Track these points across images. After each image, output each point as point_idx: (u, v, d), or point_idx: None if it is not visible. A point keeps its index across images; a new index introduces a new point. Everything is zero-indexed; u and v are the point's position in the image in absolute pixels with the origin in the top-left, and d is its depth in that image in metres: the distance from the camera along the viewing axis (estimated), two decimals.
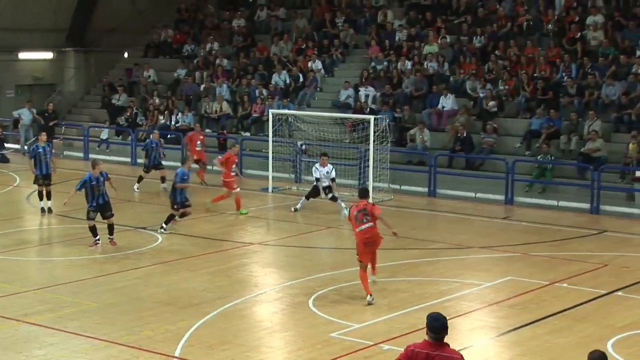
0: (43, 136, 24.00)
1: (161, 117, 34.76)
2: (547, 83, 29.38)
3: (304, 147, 28.70)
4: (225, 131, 32.46)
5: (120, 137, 35.63)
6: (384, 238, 15.90)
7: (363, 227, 15.50)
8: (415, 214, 24.26)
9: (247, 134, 32.63)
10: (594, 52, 29.92)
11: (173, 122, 34.29)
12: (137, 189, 26.49)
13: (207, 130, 33.71)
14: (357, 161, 27.38)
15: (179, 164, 31.36)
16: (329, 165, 23.50)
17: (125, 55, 41.05)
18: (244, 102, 33.62)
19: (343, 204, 23.16)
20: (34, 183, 23.38)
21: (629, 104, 27.54)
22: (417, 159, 28.98)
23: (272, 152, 27.14)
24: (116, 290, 16.06)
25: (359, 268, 15.64)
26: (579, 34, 30.48)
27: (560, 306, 15.30)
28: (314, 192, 23.71)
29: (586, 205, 24.69)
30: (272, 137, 27.21)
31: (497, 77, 30.49)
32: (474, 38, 32.49)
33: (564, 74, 29.46)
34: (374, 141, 25.49)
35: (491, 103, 29.35)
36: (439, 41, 32.81)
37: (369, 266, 15.82)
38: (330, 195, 23.47)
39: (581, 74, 29.24)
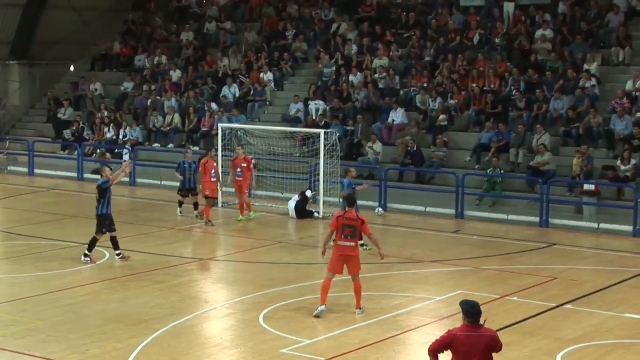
0: None
1: (107, 130, 34.51)
2: (496, 97, 29.75)
3: (253, 161, 28.67)
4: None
5: (67, 151, 35.31)
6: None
7: (346, 243, 15.32)
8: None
9: (196, 148, 32.53)
10: (542, 66, 30.36)
11: (121, 136, 34.10)
12: (180, 213, 25.13)
13: (155, 145, 33.61)
14: (307, 175, 27.45)
15: (125, 179, 31.36)
16: None
17: (71, 68, 40.74)
18: (190, 116, 33.52)
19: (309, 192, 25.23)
20: None
21: (576, 117, 27.99)
22: (367, 172, 29.13)
23: (222, 167, 27.10)
24: (63, 307, 15.91)
25: (323, 279, 15.59)
26: (527, 47, 30.92)
27: (511, 319, 15.46)
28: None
29: (535, 219, 25.00)
30: (222, 151, 27.16)
31: (447, 91, 30.80)
32: (424, 51, 32.81)
33: (512, 88, 29.85)
34: (324, 155, 25.59)
35: (441, 117, 29.62)
36: (390, 54, 33.07)
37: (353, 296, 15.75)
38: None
39: (528, 86, 29.61)
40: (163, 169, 30.76)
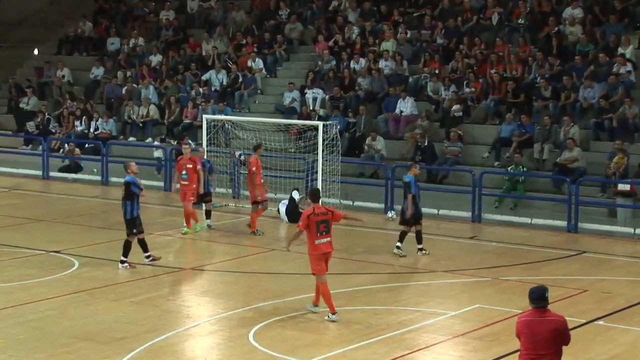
0: None
1: (77, 124, 34.52)
2: (518, 84, 29.75)
3: (242, 157, 28.69)
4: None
5: (30, 146, 35.31)
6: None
7: (323, 240, 16.07)
8: (371, 233, 24.35)
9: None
10: (571, 50, 30.37)
11: (92, 130, 34.09)
12: (209, 226, 24.62)
13: (132, 139, 33.61)
14: (304, 173, 27.44)
15: (97, 177, 31.41)
16: None
17: (36, 52, 40.74)
18: (171, 106, 33.53)
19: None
20: None
21: (609, 108, 28.00)
22: (371, 170, 29.14)
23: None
24: (26, 323, 15.90)
25: (318, 283, 16.10)
26: (555, 29, 30.91)
27: None
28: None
29: (563, 223, 25.00)
30: (207, 146, 27.16)
31: (462, 78, 30.80)
32: (436, 33, 32.81)
33: (537, 75, 29.86)
34: (322, 150, 25.58)
35: (455, 107, 29.63)
36: (397, 37, 33.08)
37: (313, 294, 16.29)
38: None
39: (555, 72, 29.62)
40: (141, 166, 30.58)
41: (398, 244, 21.37)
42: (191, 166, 23.47)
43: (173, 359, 14.39)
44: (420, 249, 21.41)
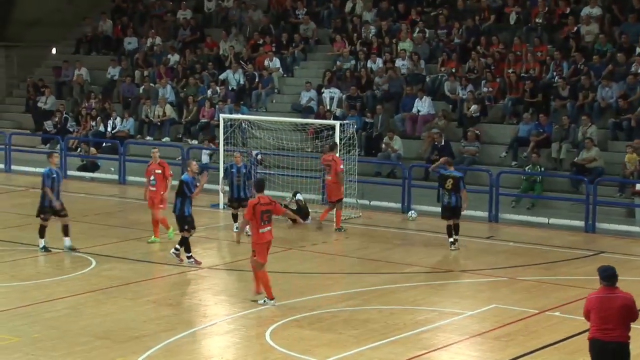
0: None
1: (93, 123, 34.53)
2: (536, 84, 29.66)
3: (259, 157, 28.68)
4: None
5: (48, 145, 35.38)
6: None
7: (266, 229, 16.90)
8: (387, 233, 24.33)
9: (195, 141, 32.57)
10: (589, 49, 30.26)
11: (109, 129, 34.14)
12: (237, 228, 23.58)
13: (149, 138, 33.66)
14: (321, 173, 27.42)
15: (114, 176, 31.49)
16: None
17: (53, 51, 40.83)
18: (189, 105, 33.57)
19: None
20: None
21: (627, 107, 27.88)
22: (388, 170, 29.10)
23: (223, 163, 27.09)
24: (43, 322, 15.94)
25: (258, 271, 16.96)
26: (574, 29, 30.77)
27: (552, 338, 15.41)
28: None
29: (580, 223, 24.93)
30: (223, 145, 27.17)
31: (480, 78, 30.73)
32: (453, 32, 32.75)
33: (554, 74, 29.77)
34: (339, 150, 25.56)
35: (473, 107, 29.57)
36: (414, 36, 33.03)
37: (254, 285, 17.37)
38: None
39: (574, 72, 29.52)
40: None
41: (450, 239, 22.04)
42: (160, 172, 22.22)
43: (189, 357, 14.39)
44: (457, 240, 22.14)
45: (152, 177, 22.20)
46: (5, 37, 39.84)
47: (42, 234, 20.93)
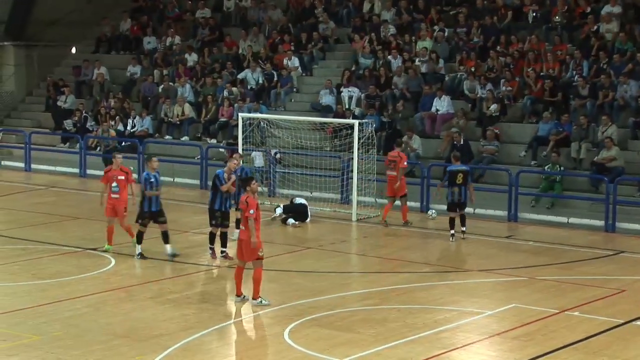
0: None
1: (112, 122, 34.61)
2: (555, 83, 29.58)
3: (278, 155, 28.73)
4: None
5: (68, 144, 35.53)
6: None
7: (242, 227, 17.30)
8: (406, 232, 24.32)
9: (214, 140, 32.64)
10: (609, 48, 30.15)
11: (129, 128, 34.23)
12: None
13: (167, 137, 33.75)
14: (340, 172, 27.45)
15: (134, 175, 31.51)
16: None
17: (73, 50, 40.97)
18: (208, 104, 33.63)
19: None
20: None
21: None
22: (407, 169, 29.04)
23: (242, 162, 27.13)
24: (63, 320, 15.99)
25: (244, 268, 17.25)
26: (595, 27, 30.65)
27: (572, 338, 15.37)
28: None
29: (600, 223, 24.85)
30: (242, 144, 27.22)
31: (499, 77, 30.67)
32: (472, 31, 32.69)
33: (574, 73, 29.68)
34: (358, 149, 25.56)
35: (493, 106, 29.51)
36: (434, 35, 32.98)
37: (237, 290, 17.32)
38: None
39: (594, 72, 29.43)
40: (176, 164, 30.87)
41: (452, 231, 22.67)
42: (123, 178, 20.99)
43: (208, 357, 14.42)
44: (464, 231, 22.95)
45: (114, 184, 20.89)
46: (25, 36, 40.02)
47: (139, 240, 20.38)
